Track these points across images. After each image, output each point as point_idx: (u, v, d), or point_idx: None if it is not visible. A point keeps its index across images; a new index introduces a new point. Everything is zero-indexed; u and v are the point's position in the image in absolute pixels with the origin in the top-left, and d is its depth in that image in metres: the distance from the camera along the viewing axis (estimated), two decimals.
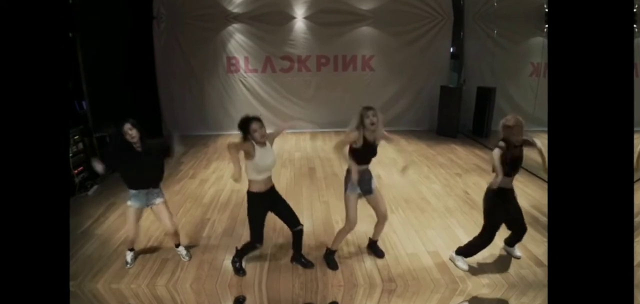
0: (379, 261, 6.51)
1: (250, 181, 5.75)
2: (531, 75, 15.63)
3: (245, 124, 5.48)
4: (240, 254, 6.27)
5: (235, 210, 8.54)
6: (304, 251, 6.55)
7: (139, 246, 6.87)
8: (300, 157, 12.77)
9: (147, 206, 6.51)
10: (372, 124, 5.69)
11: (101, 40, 11.76)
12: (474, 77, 16.00)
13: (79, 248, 6.96)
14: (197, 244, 7.10)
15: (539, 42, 14.46)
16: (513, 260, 6.47)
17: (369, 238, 6.82)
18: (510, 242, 6.66)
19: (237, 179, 5.28)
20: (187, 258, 6.62)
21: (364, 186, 6.06)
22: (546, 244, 6.85)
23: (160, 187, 6.66)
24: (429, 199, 9.07)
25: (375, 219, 6.47)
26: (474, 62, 16.29)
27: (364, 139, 5.75)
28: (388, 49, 16.30)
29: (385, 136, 6.08)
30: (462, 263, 6.36)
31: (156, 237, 7.32)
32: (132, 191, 6.50)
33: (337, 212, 8.31)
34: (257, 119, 5.52)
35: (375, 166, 6.24)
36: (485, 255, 6.52)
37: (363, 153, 5.82)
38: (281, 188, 9.20)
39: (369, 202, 6.27)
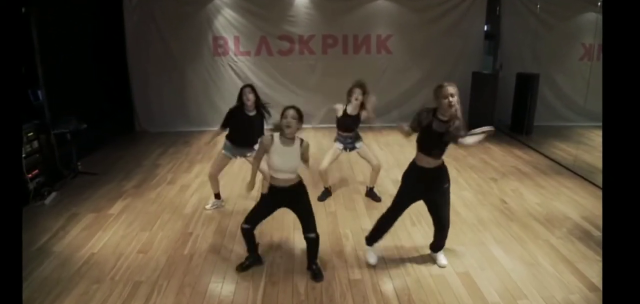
0: (398, 283, 6.48)
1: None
2: (582, 59, 15.62)
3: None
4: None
5: (223, 222, 8.53)
6: (308, 275, 6.65)
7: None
8: None
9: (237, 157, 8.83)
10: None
11: (61, 16, 11.77)
12: (512, 62, 15.98)
13: (33, 268, 6.90)
14: (176, 265, 7.08)
15: (592, 19, 14.43)
16: (561, 284, 6.44)
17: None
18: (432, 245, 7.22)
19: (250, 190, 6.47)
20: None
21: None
22: (600, 264, 6.85)
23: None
24: (458, 209, 9.05)
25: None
26: (512, 43, 16.27)
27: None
28: (408, 28, 16.24)
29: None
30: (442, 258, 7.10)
31: (127, 254, 7.30)
32: (228, 142, 8.65)
33: (346, 224, 8.34)
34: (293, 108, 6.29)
35: (393, 169, 6.24)
36: (526, 276, 6.52)
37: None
38: None
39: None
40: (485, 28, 16.52)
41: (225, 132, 8.63)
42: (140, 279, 6.62)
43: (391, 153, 12.48)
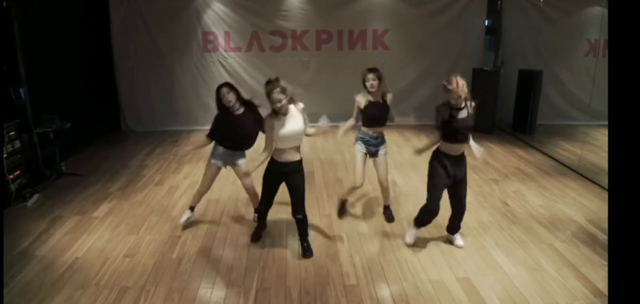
0: (395, 289, 6.48)
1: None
2: (587, 55, 15.66)
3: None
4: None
5: (213, 226, 8.53)
6: (301, 280, 6.65)
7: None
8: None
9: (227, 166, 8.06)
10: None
11: (44, 11, 11.75)
12: (514, 58, 15.97)
13: (15, 273, 6.88)
14: (164, 269, 7.08)
15: (597, 14, 14.47)
16: (565, 289, 6.46)
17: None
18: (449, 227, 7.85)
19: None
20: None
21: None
22: (606, 268, 6.87)
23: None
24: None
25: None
26: (514, 39, 16.29)
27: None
28: (406, 22, 16.24)
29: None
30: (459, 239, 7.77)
31: (112, 259, 7.28)
32: (219, 149, 7.95)
33: (341, 228, 8.34)
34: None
35: (391, 170, 6.27)
36: (529, 282, 6.53)
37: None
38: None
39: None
40: (486, 23, 16.51)
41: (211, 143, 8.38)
42: (127, 284, 6.60)
43: (388, 154, 12.54)
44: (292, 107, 6.95)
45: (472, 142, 7.21)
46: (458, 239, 7.74)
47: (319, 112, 8.27)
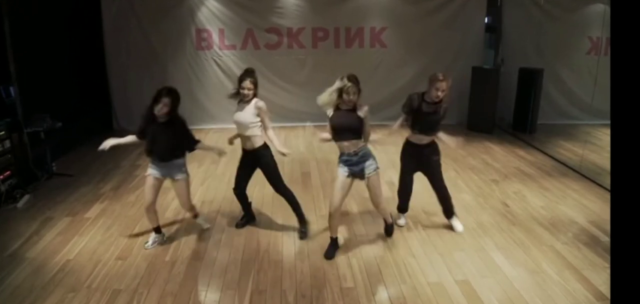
0: (393, 292, 6.48)
1: None
2: (589, 53, 15.68)
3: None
4: None
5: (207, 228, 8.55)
6: (297, 282, 6.68)
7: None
8: (291, 158, 12.50)
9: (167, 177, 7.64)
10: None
11: (34, 7, 11.74)
12: (515, 56, 15.99)
13: (5, 276, 6.88)
14: (157, 272, 7.06)
15: (599, 11, 14.48)
16: (567, 292, 6.45)
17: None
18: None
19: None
20: (206, 225, 8.41)
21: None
22: (608, 271, 6.87)
23: (185, 164, 7.78)
24: (458, 212, 8.89)
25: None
26: (515, 36, 16.30)
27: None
28: (404, 20, 16.24)
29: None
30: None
31: (104, 261, 7.27)
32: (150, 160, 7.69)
33: (339, 230, 8.20)
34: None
35: (387, 170, 6.27)
36: (529, 285, 6.54)
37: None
38: (266, 197, 9.25)
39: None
40: (486, 20, 16.52)
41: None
42: (119, 287, 6.60)
43: (386, 153, 12.50)
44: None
45: (443, 135, 7.63)
46: (456, 223, 8.33)
47: (314, 111, 8.28)
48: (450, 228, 8.31)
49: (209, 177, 10.79)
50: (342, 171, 7.08)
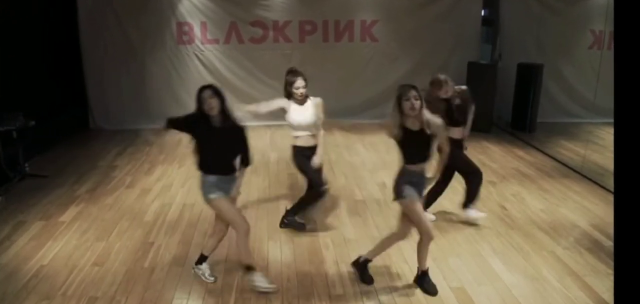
0: (385, 300, 6.48)
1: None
2: (591, 47, 15.72)
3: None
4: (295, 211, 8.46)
5: (188, 231, 8.51)
6: (282, 285, 6.68)
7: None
8: (278, 159, 12.64)
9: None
10: (412, 108, 5.98)
11: (6, 0, 11.68)
12: (513, 51, 16.02)
13: None
14: (135, 278, 7.04)
15: (602, 3, 14.52)
16: (568, 300, 6.47)
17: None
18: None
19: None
20: (211, 279, 6.93)
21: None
22: (611, 277, 6.89)
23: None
24: (452, 216, 9.06)
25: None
26: (513, 30, 16.33)
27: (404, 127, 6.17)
28: (397, 12, 16.26)
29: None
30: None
31: (80, 267, 7.21)
32: (211, 178, 6.48)
33: (326, 234, 8.34)
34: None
35: (379, 171, 6.29)
36: (529, 292, 6.55)
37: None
38: (252, 200, 9.23)
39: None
40: (483, 13, 16.59)
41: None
42: (96, 294, 6.57)
43: (376, 152, 12.50)
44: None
45: None
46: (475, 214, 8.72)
47: None
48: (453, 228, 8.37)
49: (191, 178, 10.77)
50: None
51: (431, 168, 6.58)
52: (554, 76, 15.72)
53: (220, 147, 6.35)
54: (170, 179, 11.07)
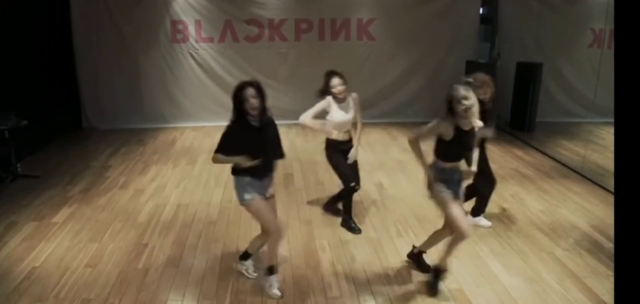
0: (381, 302, 6.45)
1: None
2: (591, 46, 15.72)
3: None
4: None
5: (183, 232, 8.48)
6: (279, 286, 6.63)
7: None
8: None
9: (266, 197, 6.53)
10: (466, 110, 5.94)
11: None
12: (512, 50, 16.02)
13: None
14: (129, 280, 7.03)
15: (602, 1, 14.52)
16: (567, 302, 6.46)
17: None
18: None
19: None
20: (254, 275, 7.00)
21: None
22: (612, 279, 6.89)
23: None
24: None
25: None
26: (512, 28, 16.34)
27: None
28: (394, 11, 16.23)
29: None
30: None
31: (73, 268, 7.20)
32: (247, 179, 6.33)
33: (322, 235, 8.32)
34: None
35: (376, 171, 6.29)
36: (528, 294, 6.55)
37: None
38: None
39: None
40: (481, 11, 16.58)
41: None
42: (89, 296, 6.55)
43: (373, 153, 12.49)
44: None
45: None
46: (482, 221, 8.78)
47: (297, 108, 8.26)
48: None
49: (185, 178, 10.79)
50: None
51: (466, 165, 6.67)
52: (554, 75, 15.72)
53: (260, 147, 6.23)
54: (164, 179, 11.04)
